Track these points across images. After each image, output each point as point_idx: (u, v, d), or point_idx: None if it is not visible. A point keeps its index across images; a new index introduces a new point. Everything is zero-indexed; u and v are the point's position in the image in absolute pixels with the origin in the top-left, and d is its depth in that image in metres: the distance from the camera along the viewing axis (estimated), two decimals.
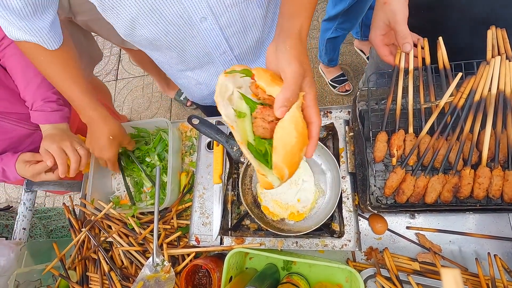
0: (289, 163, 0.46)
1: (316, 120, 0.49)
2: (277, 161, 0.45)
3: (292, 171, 0.47)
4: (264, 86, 0.48)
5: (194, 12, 0.66)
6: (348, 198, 0.78)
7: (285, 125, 0.45)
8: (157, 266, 0.81)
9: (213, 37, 0.75)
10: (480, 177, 0.67)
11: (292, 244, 0.77)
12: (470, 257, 0.78)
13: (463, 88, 0.70)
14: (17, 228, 1.02)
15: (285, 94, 0.45)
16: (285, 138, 0.45)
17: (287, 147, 0.45)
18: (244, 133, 0.50)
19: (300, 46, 0.50)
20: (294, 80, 0.47)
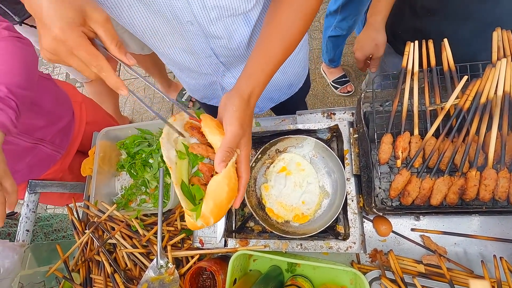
0: (216, 214, 0.52)
1: (245, 176, 0.56)
2: (205, 211, 0.51)
3: (217, 220, 0.53)
4: (208, 133, 0.55)
5: (181, 14, 0.65)
6: (352, 200, 0.78)
7: (219, 180, 0.51)
8: (161, 268, 0.81)
9: (199, 42, 0.73)
10: (486, 179, 0.67)
11: (297, 246, 0.77)
12: (476, 259, 0.78)
13: (468, 90, 0.70)
14: (21, 230, 1.02)
15: (223, 151, 0.52)
16: (217, 192, 0.51)
17: (216, 201, 0.51)
18: (180, 174, 0.57)
19: (245, 108, 0.56)
20: (233, 139, 0.53)
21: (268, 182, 0.86)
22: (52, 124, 1.06)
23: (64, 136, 1.13)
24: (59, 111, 1.10)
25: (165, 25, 0.69)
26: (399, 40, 0.95)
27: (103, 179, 1.01)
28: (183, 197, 0.55)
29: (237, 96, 0.56)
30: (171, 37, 0.73)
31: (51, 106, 1.05)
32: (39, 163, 1.06)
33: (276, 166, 0.86)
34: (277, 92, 1.08)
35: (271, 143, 0.85)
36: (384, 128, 0.76)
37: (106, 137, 1.03)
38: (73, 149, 1.19)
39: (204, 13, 0.65)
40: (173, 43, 0.76)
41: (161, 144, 0.57)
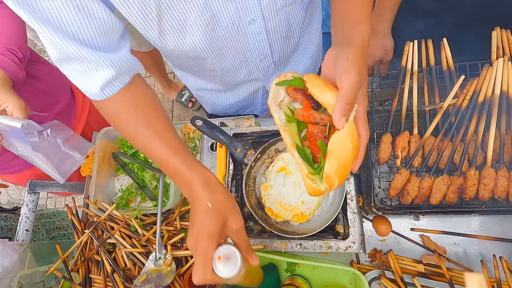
0: (341, 174, 0.46)
1: (365, 134, 0.50)
2: (330, 171, 0.45)
3: (341, 182, 0.47)
4: (317, 93, 0.48)
5: (244, 14, 0.64)
6: (352, 200, 0.78)
7: (342, 136, 0.45)
8: (159, 260, 0.82)
9: (258, 41, 0.73)
10: (485, 178, 0.67)
11: (296, 246, 0.77)
12: (475, 259, 0.78)
13: (466, 89, 0.70)
14: (20, 230, 1.02)
15: (343, 103, 0.45)
16: (340, 150, 0.45)
17: (341, 159, 0.45)
18: (293, 137, 0.51)
19: (361, 56, 0.50)
20: (351, 89, 0.46)
21: (268, 182, 0.86)
22: (49, 107, 1.07)
23: (64, 121, 1.13)
24: (55, 91, 1.11)
25: (223, 37, 0.69)
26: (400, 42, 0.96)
27: (102, 179, 1.01)
28: (301, 161, 0.48)
29: (350, 45, 0.50)
30: (227, 51, 0.74)
31: (46, 88, 1.07)
32: None
33: (275, 165, 0.87)
34: None
35: (271, 142, 0.85)
36: (384, 127, 0.76)
37: (106, 137, 1.03)
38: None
39: (272, 4, 0.65)
40: (227, 55, 0.76)
41: (270, 107, 0.52)
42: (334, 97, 0.46)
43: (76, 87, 1.15)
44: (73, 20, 0.51)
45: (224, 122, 0.97)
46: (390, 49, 0.97)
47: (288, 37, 0.78)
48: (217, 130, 0.85)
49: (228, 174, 0.87)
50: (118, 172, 1.08)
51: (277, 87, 0.52)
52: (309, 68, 0.97)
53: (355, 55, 0.48)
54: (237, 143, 0.85)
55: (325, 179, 0.46)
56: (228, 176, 0.87)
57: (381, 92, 0.80)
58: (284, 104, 0.53)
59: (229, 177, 0.87)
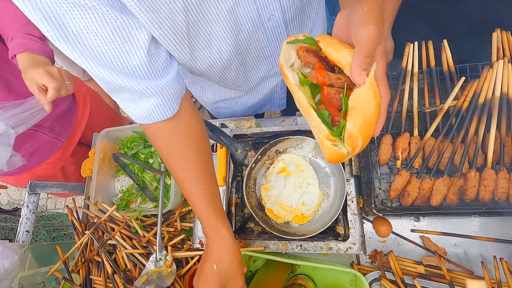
0: (365, 134, 0.41)
1: (385, 95, 0.45)
2: (353, 129, 0.41)
3: (365, 143, 0.43)
4: (331, 52, 0.44)
5: (264, 10, 0.64)
6: (352, 201, 0.78)
7: (363, 91, 0.41)
8: (159, 261, 0.82)
9: (277, 34, 0.73)
10: (486, 179, 0.67)
11: (297, 247, 0.77)
12: (476, 260, 0.78)
13: (466, 91, 0.70)
14: (21, 231, 1.02)
15: (363, 57, 0.41)
16: (363, 106, 0.41)
17: (365, 116, 0.41)
18: (308, 98, 0.47)
19: (377, 9, 0.45)
20: (370, 43, 0.42)
21: (268, 183, 0.86)
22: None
23: (64, 123, 1.13)
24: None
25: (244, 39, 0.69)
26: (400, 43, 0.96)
27: (103, 180, 1.01)
28: (319, 121, 0.43)
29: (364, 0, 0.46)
30: (249, 52, 0.74)
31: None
32: (39, 150, 1.06)
33: (276, 167, 0.87)
34: None
35: (271, 143, 0.85)
36: (384, 128, 0.76)
37: (106, 137, 1.03)
38: (75, 137, 1.19)
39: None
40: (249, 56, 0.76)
41: (281, 66, 0.48)
42: (350, 55, 0.42)
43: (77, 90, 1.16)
44: (119, 53, 0.52)
45: (224, 123, 0.97)
46: (390, 50, 0.97)
47: (303, 23, 0.78)
48: (218, 131, 0.85)
49: (229, 175, 0.87)
50: (119, 173, 1.08)
51: (288, 48, 0.48)
52: None
53: (372, 7, 0.44)
54: (237, 144, 0.85)
55: (347, 140, 0.41)
56: (229, 177, 0.87)
57: None
58: (295, 68, 0.49)
59: (229, 178, 0.87)
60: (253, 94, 0.99)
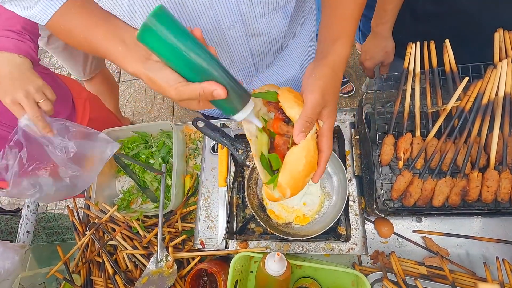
0: (292, 186, 0.50)
1: (326, 151, 0.52)
2: (282, 181, 0.49)
3: (294, 192, 0.51)
4: (286, 107, 0.51)
5: (224, 19, 0.66)
6: (354, 202, 0.77)
7: (296, 151, 0.49)
8: (160, 262, 0.82)
9: (238, 45, 0.74)
10: (488, 180, 0.67)
11: (298, 248, 0.77)
12: (478, 261, 0.78)
13: (470, 91, 0.70)
14: (21, 231, 1.02)
15: (302, 121, 0.48)
16: (293, 164, 0.49)
17: (293, 172, 0.49)
18: (260, 147, 0.55)
19: (329, 77, 0.52)
20: (312, 109, 0.49)
21: None
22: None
23: None
24: (57, 106, 1.10)
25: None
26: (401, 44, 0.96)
27: (103, 180, 1.01)
28: (262, 169, 0.53)
29: (322, 64, 0.53)
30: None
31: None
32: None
33: None
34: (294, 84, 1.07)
35: None
36: (386, 129, 0.76)
37: None
38: None
39: (251, 10, 0.66)
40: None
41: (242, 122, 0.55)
42: (300, 113, 0.50)
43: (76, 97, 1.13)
44: None
45: (226, 123, 0.97)
46: (390, 51, 0.97)
47: (270, 43, 0.79)
48: (219, 132, 0.85)
49: (230, 176, 0.87)
50: (119, 173, 1.08)
51: (254, 98, 0.54)
52: (298, 74, 0.98)
53: (323, 76, 0.52)
54: (238, 145, 0.85)
55: (278, 188, 0.50)
56: (230, 177, 0.87)
57: (383, 94, 0.80)
58: (260, 114, 0.57)
59: (231, 179, 0.87)
60: None
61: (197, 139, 1.05)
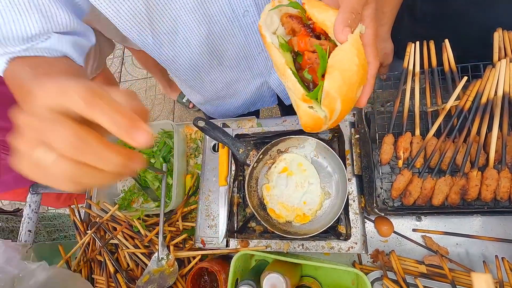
0: (345, 95, 0.37)
1: (373, 62, 0.41)
2: (331, 88, 0.36)
3: (344, 108, 0.38)
4: (316, 13, 0.40)
5: (237, 5, 0.64)
6: (354, 201, 0.78)
7: (345, 48, 0.37)
8: (161, 260, 0.82)
9: (254, 32, 0.72)
10: (488, 179, 0.67)
11: (298, 247, 0.77)
12: (477, 259, 0.78)
13: (469, 91, 0.70)
14: (23, 230, 1.02)
15: (346, 13, 0.38)
16: (343, 64, 0.36)
17: (345, 74, 0.36)
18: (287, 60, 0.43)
19: None
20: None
21: (270, 183, 0.86)
22: None
23: None
24: None
25: (219, 33, 0.68)
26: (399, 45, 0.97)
27: None
28: (294, 81, 0.40)
29: None
30: (225, 48, 0.73)
31: None
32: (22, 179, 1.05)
33: (277, 166, 0.87)
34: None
35: (273, 143, 0.85)
36: (386, 128, 0.76)
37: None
38: None
39: None
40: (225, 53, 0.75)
41: (261, 28, 0.45)
42: (335, 16, 0.38)
43: None
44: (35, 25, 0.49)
45: (226, 123, 0.97)
46: (390, 53, 0.98)
47: None
48: (220, 131, 0.85)
49: (230, 175, 0.87)
50: None
51: (271, 14, 0.44)
52: None
53: None
54: (239, 144, 0.85)
55: (325, 100, 0.37)
56: (230, 177, 0.87)
57: (383, 94, 0.80)
58: (278, 35, 0.46)
59: (231, 178, 0.87)
60: (238, 96, 0.99)
61: (198, 139, 1.06)
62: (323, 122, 0.39)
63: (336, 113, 0.38)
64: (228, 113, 1.09)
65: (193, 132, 1.07)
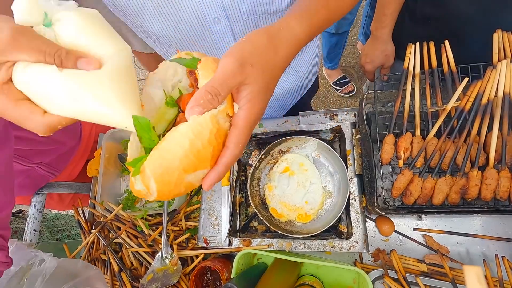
0: (160, 178, 0.34)
1: (233, 149, 0.37)
2: (148, 166, 0.34)
3: (162, 190, 0.35)
4: (201, 76, 0.38)
5: (208, 11, 0.62)
6: (355, 200, 0.79)
7: (181, 129, 0.35)
8: (165, 259, 0.83)
9: (224, 42, 0.72)
10: (488, 178, 0.68)
11: (300, 246, 0.78)
12: (478, 258, 0.78)
13: (469, 92, 0.71)
14: (28, 230, 1.04)
15: (204, 90, 0.35)
16: (171, 145, 0.34)
17: (166, 157, 0.34)
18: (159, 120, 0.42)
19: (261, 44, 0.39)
20: (221, 79, 0.35)
21: (272, 183, 0.87)
22: (55, 149, 1.06)
23: (62, 160, 1.12)
24: (65, 138, 1.09)
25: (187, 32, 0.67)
26: (400, 46, 0.97)
27: (108, 180, 1.02)
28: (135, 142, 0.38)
29: (260, 30, 0.41)
30: (193, 46, 0.72)
31: (59, 135, 1.04)
32: (31, 183, 1.06)
33: (279, 166, 0.88)
34: (289, 97, 1.06)
35: (275, 143, 0.86)
36: (386, 128, 0.77)
37: (112, 138, 1.05)
38: (70, 170, 1.17)
39: (235, 6, 0.61)
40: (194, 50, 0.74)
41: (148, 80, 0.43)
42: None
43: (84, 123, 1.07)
44: None
45: None
46: (390, 54, 0.99)
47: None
48: None
49: (233, 175, 0.88)
50: (124, 173, 1.09)
51: (175, 65, 0.43)
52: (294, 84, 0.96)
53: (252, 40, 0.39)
54: None
55: (140, 174, 0.35)
56: (233, 176, 0.88)
57: (383, 94, 0.81)
58: (180, 86, 0.44)
59: (234, 178, 0.88)
60: None
61: None
62: (142, 196, 0.37)
63: (152, 192, 0.36)
64: None
65: None
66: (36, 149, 0.97)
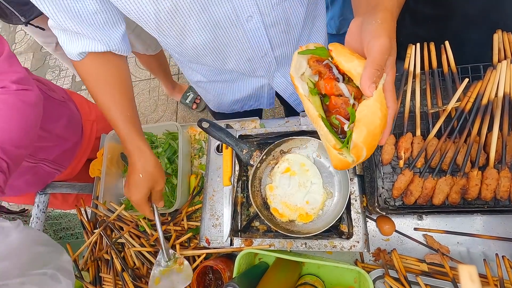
0: (369, 144, 0.43)
1: (392, 106, 0.47)
2: (358, 140, 0.43)
3: (369, 153, 0.45)
4: (343, 61, 0.45)
5: (241, 11, 0.66)
6: (356, 200, 0.79)
7: (370, 104, 0.43)
8: (169, 261, 0.84)
9: (257, 37, 0.75)
10: (488, 178, 0.68)
11: (301, 245, 0.78)
12: (478, 258, 0.79)
13: (470, 92, 0.71)
14: None
15: (373, 69, 0.42)
16: (369, 118, 0.43)
17: (370, 127, 0.43)
18: (317, 108, 0.49)
19: (391, 20, 0.47)
20: (381, 55, 0.43)
21: (273, 183, 0.88)
22: (58, 145, 1.07)
23: (67, 156, 1.14)
24: (68, 133, 1.10)
25: (223, 37, 0.72)
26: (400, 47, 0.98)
27: (111, 180, 1.03)
28: (327, 132, 0.46)
29: (378, 10, 0.47)
30: (229, 50, 0.77)
31: (61, 130, 1.06)
32: (37, 180, 1.07)
33: (280, 166, 0.88)
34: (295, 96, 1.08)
35: (276, 144, 0.86)
36: None
37: (114, 139, 1.06)
38: (73, 166, 1.19)
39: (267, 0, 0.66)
40: (229, 55, 0.80)
41: (292, 78, 0.50)
42: (361, 66, 0.44)
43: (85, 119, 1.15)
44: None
45: (230, 124, 0.99)
46: None
47: (288, 32, 0.79)
48: (223, 132, 0.87)
49: (234, 175, 0.89)
50: (126, 173, 1.10)
51: (299, 58, 0.49)
52: None
53: (385, 19, 0.46)
54: (243, 145, 0.87)
55: (353, 149, 0.44)
56: (234, 177, 0.89)
57: None
58: (305, 77, 0.51)
59: (235, 178, 0.89)
60: (238, 86, 1.00)
61: (202, 140, 1.07)
62: (351, 165, 0.46)
63: (362, 158, 0.45)
64: (223, 105, 1.11)
65: (197, 133, 1.08)
66: (40, 145, 0.98)
